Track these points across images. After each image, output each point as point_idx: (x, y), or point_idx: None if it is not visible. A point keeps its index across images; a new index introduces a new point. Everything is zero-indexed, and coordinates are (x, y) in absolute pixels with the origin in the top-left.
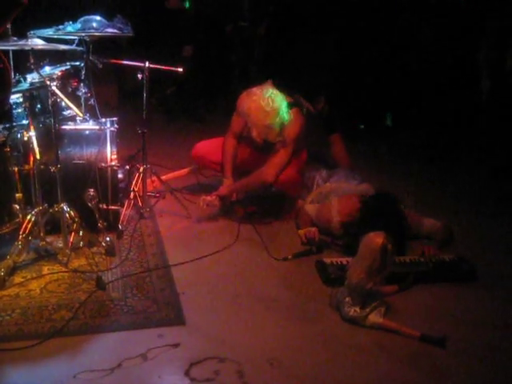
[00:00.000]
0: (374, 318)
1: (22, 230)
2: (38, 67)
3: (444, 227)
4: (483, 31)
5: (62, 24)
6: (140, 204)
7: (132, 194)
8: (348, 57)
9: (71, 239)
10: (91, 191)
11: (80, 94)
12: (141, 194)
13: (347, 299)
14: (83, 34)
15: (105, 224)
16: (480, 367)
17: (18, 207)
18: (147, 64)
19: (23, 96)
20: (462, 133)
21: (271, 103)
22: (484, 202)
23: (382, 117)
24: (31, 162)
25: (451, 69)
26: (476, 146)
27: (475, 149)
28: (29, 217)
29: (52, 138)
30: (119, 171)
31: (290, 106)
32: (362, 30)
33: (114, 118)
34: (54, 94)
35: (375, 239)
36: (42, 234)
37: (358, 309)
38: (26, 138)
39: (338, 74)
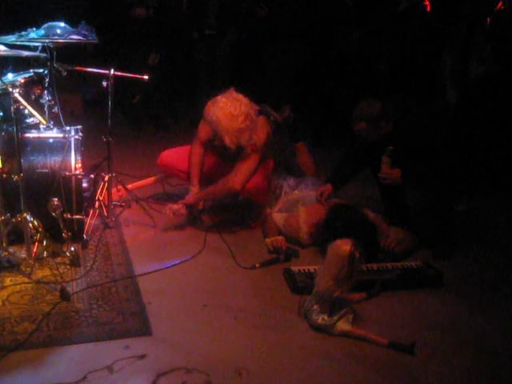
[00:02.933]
0: (342, 325)
1: None
2: (0, 74)
3: (410, 236)
4: (446, 41)
5: (25, 30)
6: (105, 213)
7: (97, 204)
8: (314, 66)
9: (35, 249)
10: (55, 200)
11: (44, 101)
12: (106, 203)
13: (315, 307)
14: (47, 41)
15: (69, 234)
16: (448, 372)
17: None
18: (112, 71)
19: None
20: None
21: (238, 107)
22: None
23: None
24: None
25: (416, 79)
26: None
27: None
28: None
29: (15, 146)
30: (84, 180)
31: (258, 113)
32: (327, 41)
33: (79, 126)
34: (16, 101)
35: (343, 246)
36: (4, 245)
37: (326, 316)
38: None
39: (303, 83)
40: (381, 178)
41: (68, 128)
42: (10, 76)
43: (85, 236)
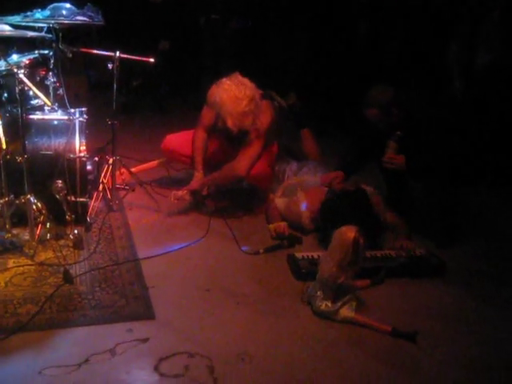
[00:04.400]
0: (346, 312)
1: None
2: (5, 55)
3: (405, 222)
4: (453, 30)
5: (31, 11)
6: (109, 196)
7: (101, 186)
8: (320, 53)
9: (38, 231)
10: (59, 183)
11: (48, 83)
12: (110, 186)
13: (318, 293)
14: (52, 22)
15: (73, 216)
16: (450, 361)
17: None
18: (118, 54)
19: None
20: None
21: (243, 90)
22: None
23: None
24: None
25: (423, 69)
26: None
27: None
28: None
29: (19, 128)
30: (88, 163)
31: (262, 97)
32: (334, 29)
33: (83, 109)
34: (21, 82)
35: (347, 233)
36: (7, 226)
37: (329, 303)
38: None
39: (308, 71)
40: (384, 163)
41: (73, 110)
42: (14, 57)
43: (88, 219)
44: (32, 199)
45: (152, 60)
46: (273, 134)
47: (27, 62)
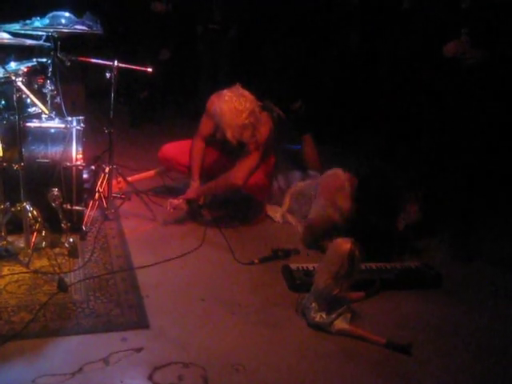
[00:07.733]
0: (340, 324)
1: None
2: (4, 62)
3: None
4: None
5: (30, 19)
6: (105, 205)
7: (97, 195)
8: (315, 62)
9: (33, 239)
10: (55, 191)
11: (46, 91)
12: (106, 195)
13: (313, 305)
14: (51, 30)
15: (68, 225)
16: (445, 374)
17: None
18: (116, 63)
19: None
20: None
21: (244, 103)
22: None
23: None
24: None
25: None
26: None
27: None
28: None
29: (16, 135)
30: (84, 171)
31: (261, 109)
32: (328, 38)
33: (81, 117)
34: (19, 89)
35: (343, 245)
36: (3, 234)
37: (324, 315)
38: None
39: (305, 79)
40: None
41: (70, 118)
42: (12, 65)
43: (84, 227)
44: (28, 207)
45: (150, 69)
46: (271, 146)
47: (25, 69)
